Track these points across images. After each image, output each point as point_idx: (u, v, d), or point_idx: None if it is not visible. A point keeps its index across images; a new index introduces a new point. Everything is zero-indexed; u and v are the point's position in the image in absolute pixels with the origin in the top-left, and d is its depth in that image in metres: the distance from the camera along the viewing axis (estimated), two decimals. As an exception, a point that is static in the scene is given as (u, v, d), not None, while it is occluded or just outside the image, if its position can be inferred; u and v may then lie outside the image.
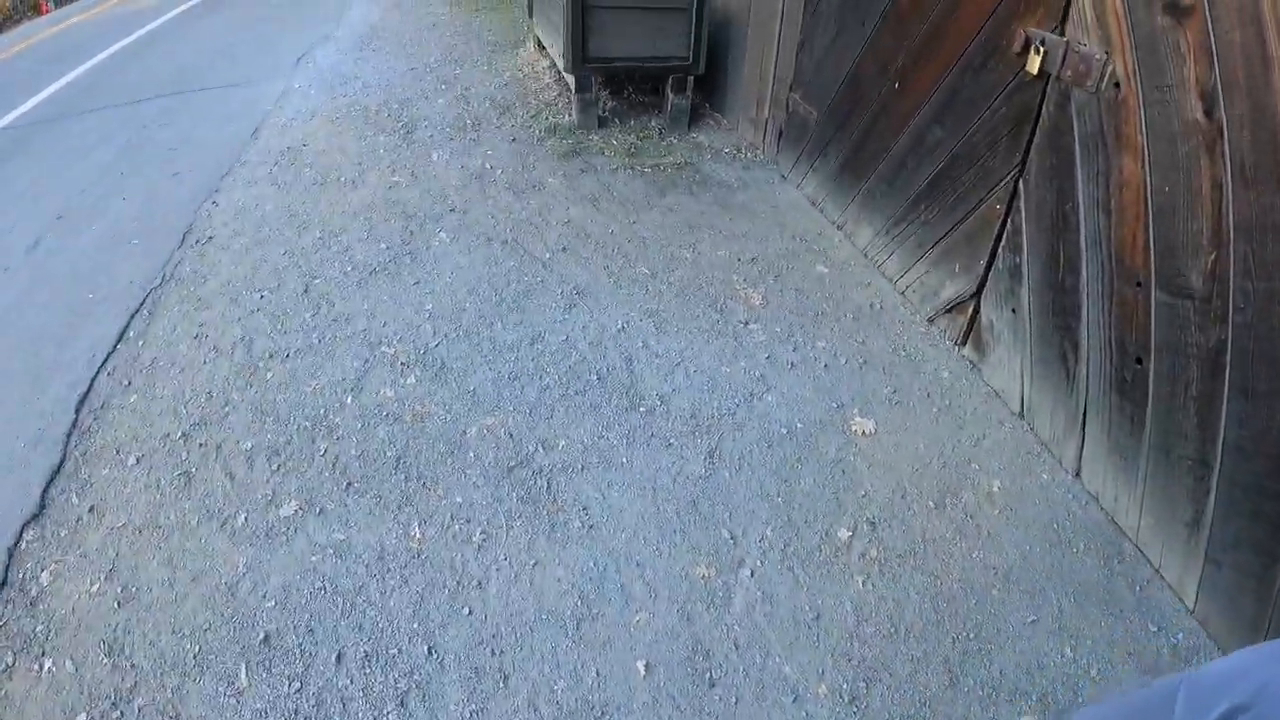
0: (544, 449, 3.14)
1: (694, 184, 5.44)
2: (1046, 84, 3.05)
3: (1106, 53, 2.74)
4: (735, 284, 4.30)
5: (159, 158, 5.99)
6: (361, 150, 5.78)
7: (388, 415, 3.29)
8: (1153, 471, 2.74)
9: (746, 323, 3.99)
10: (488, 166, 5.51)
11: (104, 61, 8.98)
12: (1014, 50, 3.14)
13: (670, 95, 6.22)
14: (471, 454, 3.10)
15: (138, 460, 3.06)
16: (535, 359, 3.63)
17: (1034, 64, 3.03)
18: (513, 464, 3.06)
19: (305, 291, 4.10)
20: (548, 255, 4.46)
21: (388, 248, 4.49)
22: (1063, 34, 2.95)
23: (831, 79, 4.71)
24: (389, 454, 3.09)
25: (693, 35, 5.95)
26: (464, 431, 3.21)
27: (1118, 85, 2.72)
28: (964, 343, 3.80)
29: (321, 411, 3.29)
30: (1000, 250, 3.44)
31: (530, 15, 7.97)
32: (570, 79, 6.01)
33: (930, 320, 4.00)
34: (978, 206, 3.54)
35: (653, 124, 6.37)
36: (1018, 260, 3.32)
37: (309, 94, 7.27)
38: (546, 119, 6.29)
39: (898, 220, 4.20)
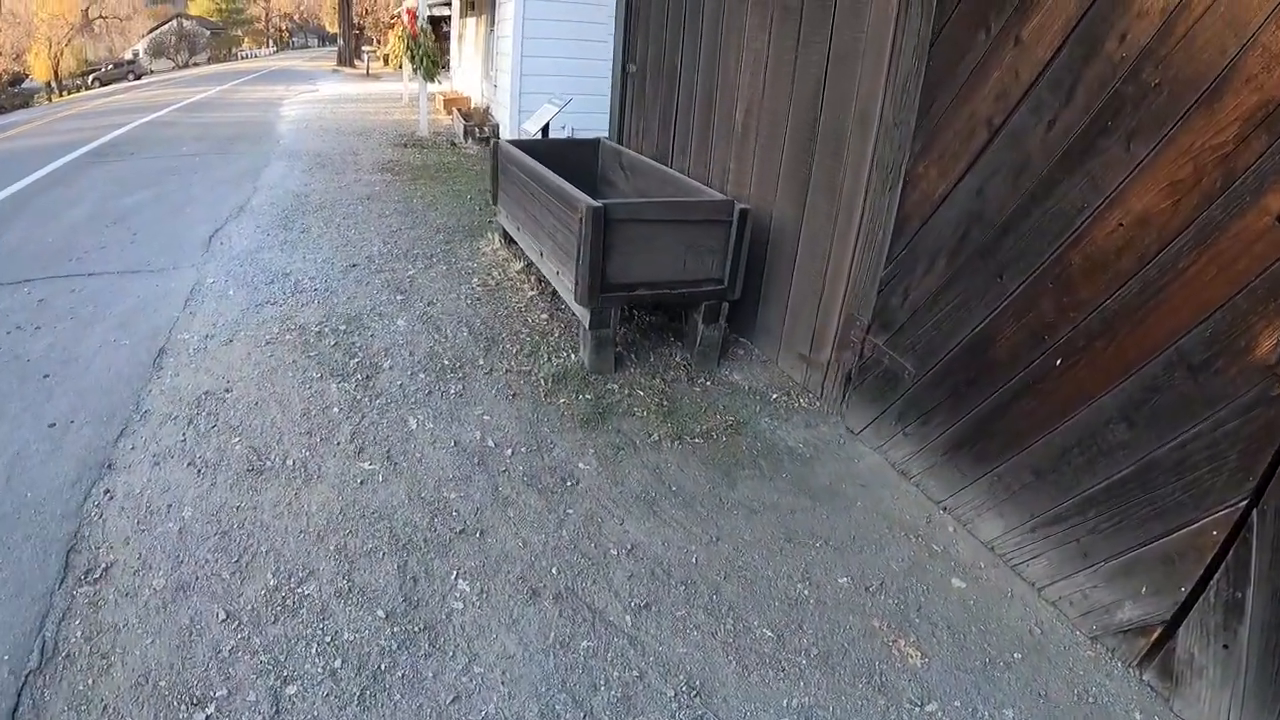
0: None
1: (760, 457, 4.05)
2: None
3: None
4: (879, 633, 2.93)
5: (27, 389, 4.25)
6: (309, 407, 4.16)
7: None
8: None
9: (921, 703, 2.63)
10: (490, 444, 3.96)
11: (-43, 231, 7.10)
12: (1265, 358, 2.35)
13: (700, 326, 4.89)
14: None
15: None
16: None
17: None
18: None
19: (275, 714, 2.42)
20: (627, 619, 2.93)
21: (386, 616, 2.86)
22: None
23: (942, 332, 3.62)
24: None
25: (732, 254, 4.68)
26: None
27: None
28: (1143, 666, 2.91)
29: None
30: (1215, 581, 2.64)
31: (494, 201, 6.59)
32: (583, 313, 4.58)
33: (1094, 638, 3.04)
34: (1185, 527, 2.70)
35: (676, 359, 5.00)
36: (1239, 595, 2.55)
37: (227, 295, 5.62)
38: (547, 358, 4.83)
39: (1051, 520, 3.20)
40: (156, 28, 61.85)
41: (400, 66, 19.65)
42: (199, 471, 3.59)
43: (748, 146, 5.12)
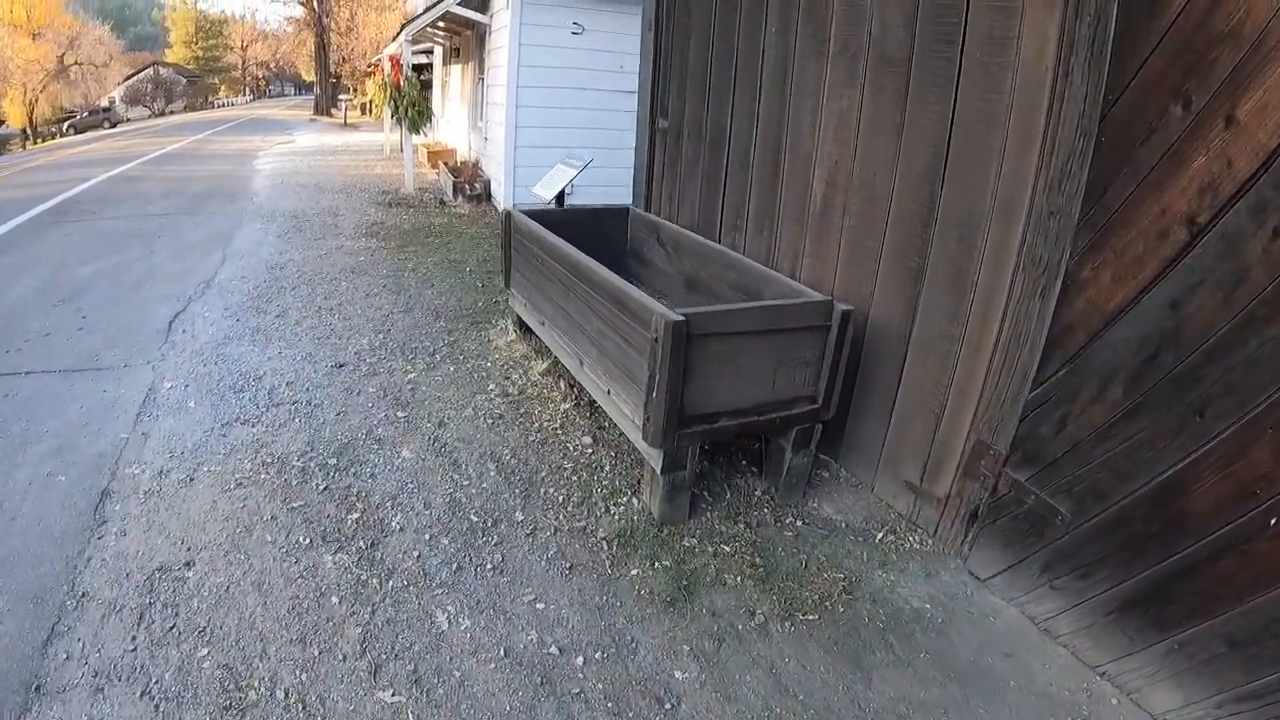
0: None
1: (888, 631, 3.04)
2: None
3: None
4: None
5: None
6: (299, 595, 3.02)
7: None
8: None
9: None
10: (553, 649, 2.84)
11: None
12: None
13: (788, 454, 3.83)
14: None
15: None
16: None
17: None
18: None
19: None
20: None
21: None
22: None
23: (1116, 474, 2.86)
24: None
25: (829, 366, 3.64)
26: None
27: None
28: None
29: None
30: None
31: (507, 283, 5.49)
32: (653, 454, 3.48)
33: None
34: None
35: (756, 491, 3.95)
36: None
37: (187, 407, 4.48)
38: (604, 507, 3.72)
39: (1247, 696, 2.57)
40: (133, 75, 60.58)
41: (380, 117, 18.61)
42: (157, 707, 2.43)
43: (829, 225, 4.14)
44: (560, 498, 3.78)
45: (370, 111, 24.42)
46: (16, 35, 43.15)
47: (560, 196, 6.17)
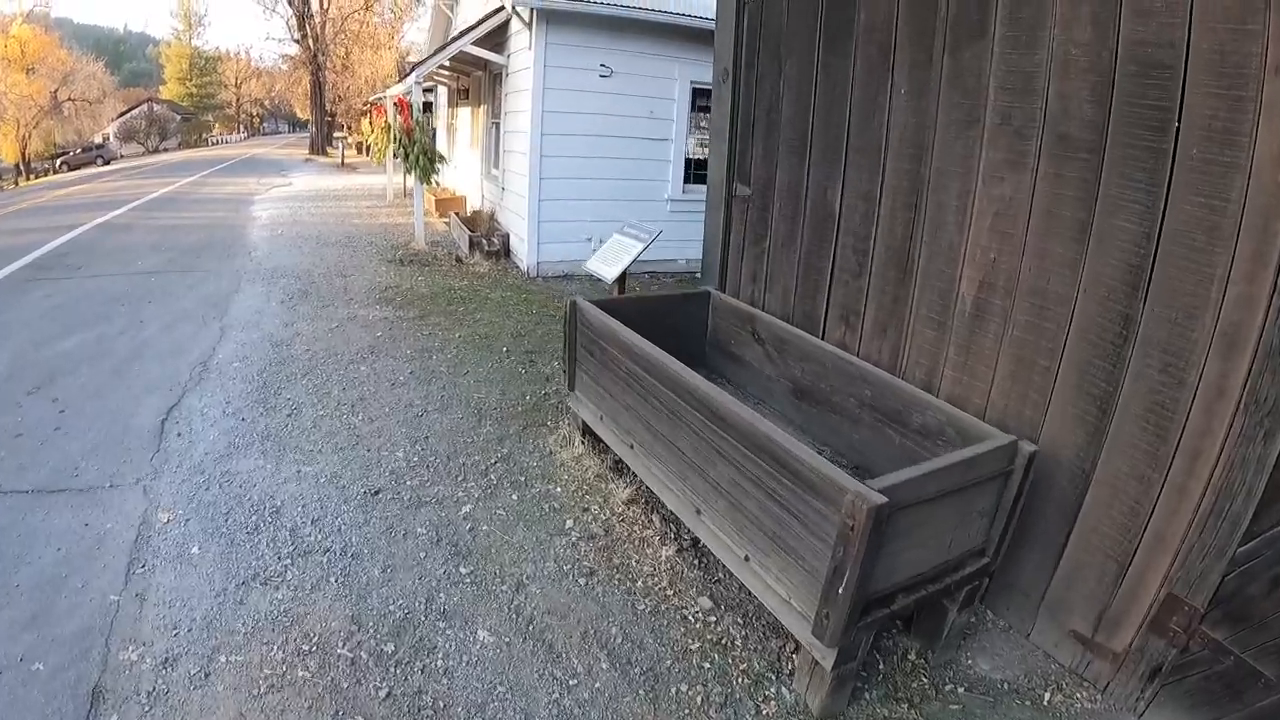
0: None
1: None
2: None
3: None
4: None
5: None
6: None
7: None
8: None
9: None
10: None
11: None
12: None
13: (951, 615, 3.03)
14: None
15: None
16: None
17: None
18: None
19: None
20: None
21: None
22: None
23: None
24: None
25: (1004, 514, 2.94)
26: None
27: None
28: None
29: None
30: None
31: (571, 385, 4.53)
32: (824, 652, 2.53)
33: None
34: None
35: (910, 657, 3.09)
36: None
37: (189, 555, 3.51)
38: (752, 707, 2.82)
39: None
40: (127, 112, 59.71)
41: (381, 160, 17.64)
42: None
43: (983, 334, 3.40)
44: (696, 697, 2.81)
45: (367, 151, 23.29)
46: (10, 70, 42.32)
47: (622, 280, 5.20)
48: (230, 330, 6.93)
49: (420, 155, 11.25)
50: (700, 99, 10.23)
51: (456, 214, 13.10)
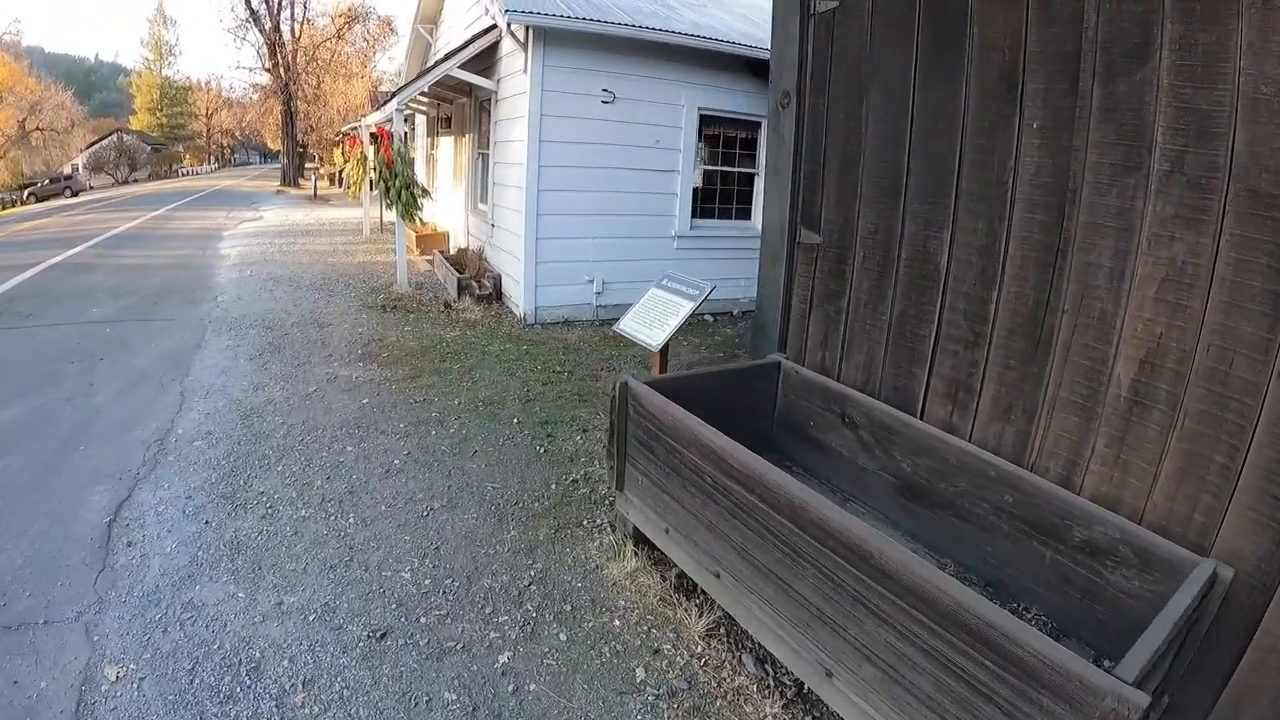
0: None
1: None
2: None
3: None
4: None
5: None
6: None
7: None
8: None
9: None
10: None
11: None
12: None
13: None
14: None
15: None
16: None
17: None
18: None
19: None
20: None
21: None
22: None
23: None
24: None
25: (1186, 649, 2.28)
26: None
27: None
28: None
29: None
30: None
31: (619, 485, 3.60)
32: None
33: None
34: None
35: None
36: None
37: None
38: None
39: None
40: (96, 142, 58.00)
41: (356, 193, 16.63)
42: None
43: (1144, 423, 2.75)
44: None
45: (340, 182, 21.97)
46: (-24, 99, 40.87)
47: (664, 354, 4.27)
48: (192, 396, 5.90)
49: (403, 190, 10.26)
50: (707, 126, 9.38)
51: (440, 252, 12.11)
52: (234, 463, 4.69)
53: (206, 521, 4.00)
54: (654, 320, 4.30)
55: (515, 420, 5.51)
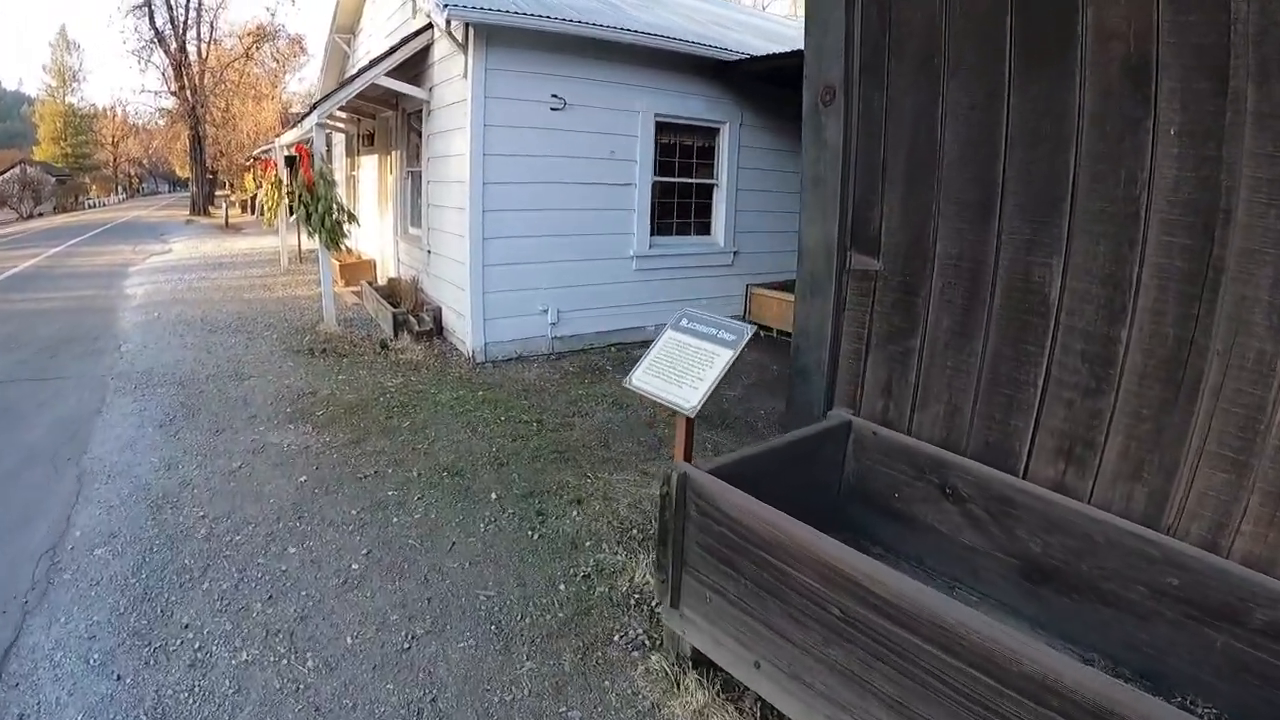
0: None
1: None
2: None
3: None
4: None
5: None
6: None
7: None
8: None
9: None
10: None
11: None
12: None
13: None
14: None
15: None
16: None
17: None
18: None
19: None
20: None
21: None
22: None
23: None
24: None
25: None
26: None
27: None
28: None
29: None
30: None
31: (674, 601, 2.68)
32: None
33: None
34: None
35: None
36: None
37: None
38: None
39: None
40: (-2, 175, 53.92)
41: (272, 220, 15.26)
42: None
43: None
44: None
45: (253, 209, 19.92)
46: None
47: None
48: (92, 481, 4.75)
49: (325, 215, 9.06)
50: (664, 134, 8.51)
51: (369, 282, 10.95)
52: (147, 580, 3.61)
53: (117, 677, 2.94)
54: (680, 373, 3.39)
55: (492, 495, 4.52)
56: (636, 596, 3.40)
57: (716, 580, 2.50)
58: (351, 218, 9.58)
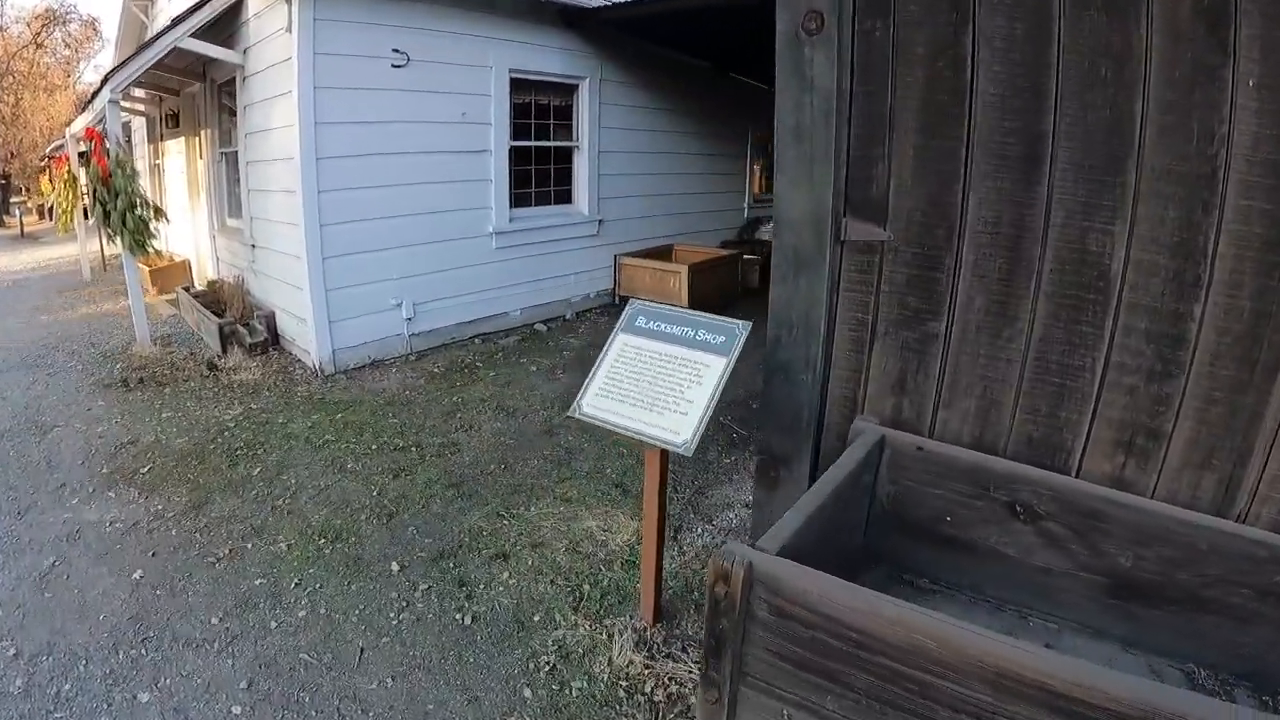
0: None
1: None
2: None
3: None
4: None
5: None
6: None
7: None
8: None
9: None
10: None
11: None
12: None
13: None
14: None
15: None
16: None
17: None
18: None
19: None
20: None
21: None
22: None
23: None
24: None
25: None
26: None
27: None
28: None
29: None
30: None
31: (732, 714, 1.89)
32: None
33: None
34: None
35: None
36: None
37: None
38: None
39: None
40: None
41: (69, 225, 13.04)
42: None
43: None
44: None
45: (60, 220, 16.54)
46: None
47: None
48: None
49: (126, 212, 7.45)
50: (520, 93, 7.53)
51: (185, 289, 9.35)
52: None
53: None
54: (653, 395, 2.59)
55: (393, 566, 3.55)
56: (625, 685, 2.63)
57: (804, 695, 1.79)
58: (159, 213, 7.94)
